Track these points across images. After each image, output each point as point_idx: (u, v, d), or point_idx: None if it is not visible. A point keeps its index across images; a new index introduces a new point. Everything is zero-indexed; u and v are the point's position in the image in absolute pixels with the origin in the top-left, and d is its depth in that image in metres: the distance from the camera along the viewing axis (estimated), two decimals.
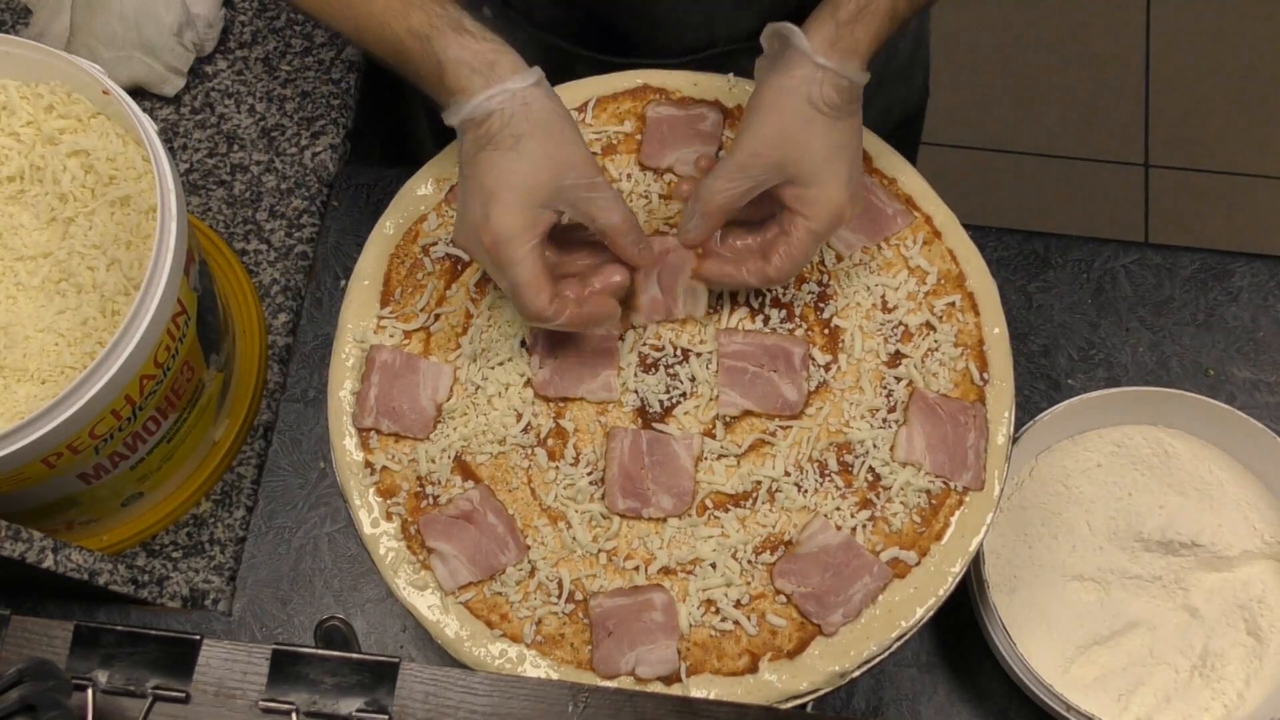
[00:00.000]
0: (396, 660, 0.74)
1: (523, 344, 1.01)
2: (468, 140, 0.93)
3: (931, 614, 0.93)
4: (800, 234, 0.94)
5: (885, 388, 0.99)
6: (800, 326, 1.01)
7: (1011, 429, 0.98)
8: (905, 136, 1.26)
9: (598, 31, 1.18)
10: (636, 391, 0.99)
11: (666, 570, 0.95)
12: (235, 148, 1.32)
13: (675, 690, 0.91)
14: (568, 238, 0.98)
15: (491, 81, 0.91)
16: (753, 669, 0.92)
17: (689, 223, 0.96)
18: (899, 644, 0.93)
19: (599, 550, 0.95)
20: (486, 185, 0.91)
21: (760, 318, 1.02)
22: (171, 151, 1.31)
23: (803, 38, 0.92)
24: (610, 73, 1.11)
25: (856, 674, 0.92)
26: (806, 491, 0.96)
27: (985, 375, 0.99)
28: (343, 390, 1.00)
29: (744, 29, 1.15)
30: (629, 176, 1.07)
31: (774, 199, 0.96)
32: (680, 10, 1.14)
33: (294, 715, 0.72)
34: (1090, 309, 1.23)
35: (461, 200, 0.94)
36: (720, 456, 0.98)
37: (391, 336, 1.02)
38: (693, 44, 1.17)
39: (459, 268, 1.04)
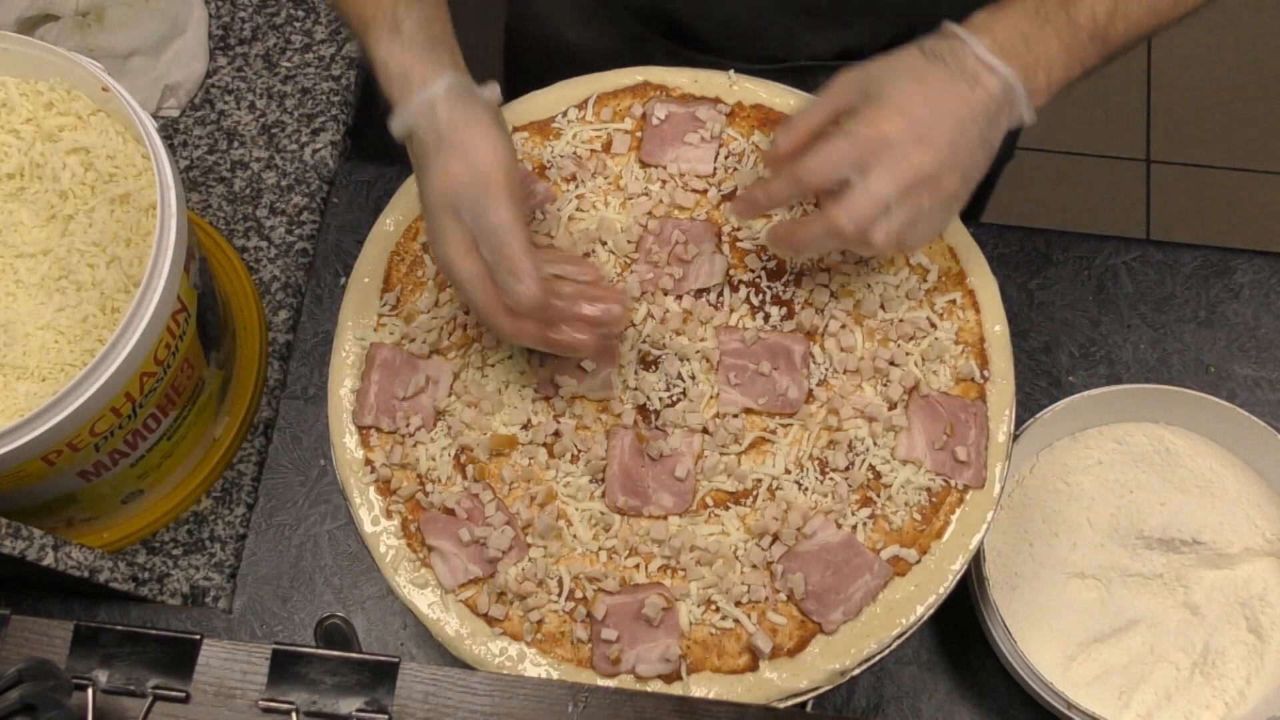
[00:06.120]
0: (396, 660, 0.74)
1: None
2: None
3: (932, 612, 0.93)
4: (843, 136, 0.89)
5: (885, 385, 0.99)
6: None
7: (1012, 426, 0.98)
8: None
9: (680, 29, 1.19)
10: (638, 389, 0.99)
11: (667, 568, 0.94)
12: (235, 144, 1.32)
13: (675, 688, 0.91)
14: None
15: (407, 94, 0.90)
16: (753, 667, 0.91)
17: (778, 138, 0.94)
18: (899, 642, 0.93)
19: (599, 548, 0.95)
20: (424, 206, 0.92)
21: (760, 315, 1.01)
22: (171, 148, 1.31)
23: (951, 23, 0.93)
24: (616, 68, 1.11)
25: (857, 672, 0.92)
26: (807, 489, 0.96)
27: (986, 373, 0.99)
28: (343, 388, 1.00)
29: (823, 50, 1.17)
30: (630, 174, 1.06)
31: None
32: (760, 25, 1.15)
33: (294, 715, 0.72)
34: (1091, 306, 1.23)
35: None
36: (721, 454, 0.97)
37: (392, 334, 1.01)
38: (771, 55, 1.18)
39: None
